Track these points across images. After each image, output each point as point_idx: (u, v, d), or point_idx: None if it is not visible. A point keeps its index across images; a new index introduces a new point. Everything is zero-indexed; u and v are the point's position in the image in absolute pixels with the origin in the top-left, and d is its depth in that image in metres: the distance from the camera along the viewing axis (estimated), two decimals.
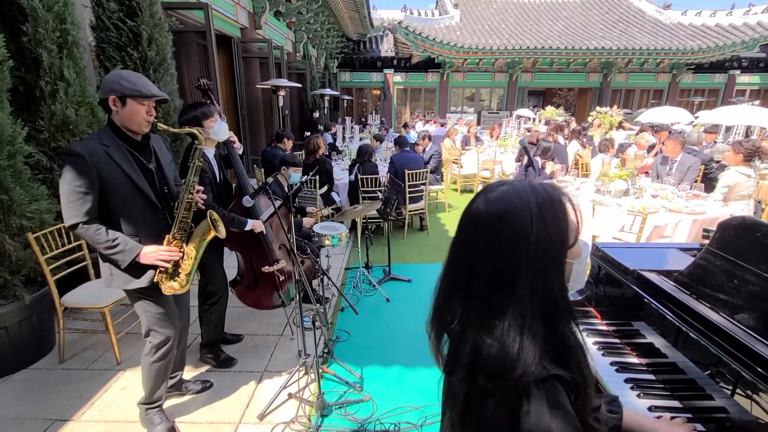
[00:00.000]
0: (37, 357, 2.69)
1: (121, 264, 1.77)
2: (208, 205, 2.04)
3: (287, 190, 2.72)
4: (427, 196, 5.71)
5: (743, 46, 14.89)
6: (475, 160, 7.77)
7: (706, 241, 1.52)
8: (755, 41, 14.79)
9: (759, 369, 1.05)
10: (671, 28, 16.64)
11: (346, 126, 11.06)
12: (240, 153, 2.73)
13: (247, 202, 2.21)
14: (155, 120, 1.78)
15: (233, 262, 2.84)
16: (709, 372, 1.23)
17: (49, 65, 2.86)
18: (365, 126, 14.61)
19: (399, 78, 18.38)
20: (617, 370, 1.49)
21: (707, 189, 4.59)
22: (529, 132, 9.16)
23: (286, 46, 10.55)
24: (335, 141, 8.90)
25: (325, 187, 4.88)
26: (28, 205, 2.56)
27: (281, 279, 2.68)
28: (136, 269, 1.81)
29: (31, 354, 2.67)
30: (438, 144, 7.49)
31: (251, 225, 2.52)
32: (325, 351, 2.75)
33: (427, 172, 5.36)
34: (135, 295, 1.90)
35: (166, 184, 1.91)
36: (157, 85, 3.49)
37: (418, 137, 7.25)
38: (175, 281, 1.88)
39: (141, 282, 1.84)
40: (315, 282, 3.04)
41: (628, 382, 1.43)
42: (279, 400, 2.33)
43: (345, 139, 9.98)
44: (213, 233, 1.87)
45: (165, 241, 1.84)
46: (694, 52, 15.04)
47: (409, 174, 5.10)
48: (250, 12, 7.96)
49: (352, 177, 5.04)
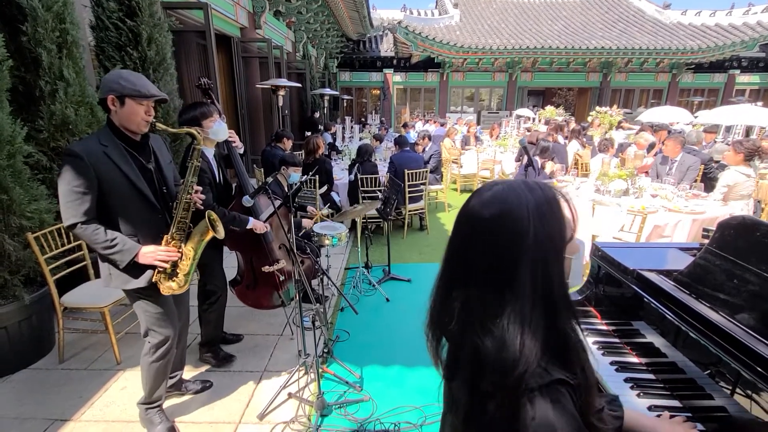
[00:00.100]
0: (37, 357, 2.69)
1: (120, 264, 1.77)
2: (208, 205, 2.04)
3: (287, 189, 2.72)
4: (427, 196, 5.70)
5: (743, 45, 14.90)
6: (475, 159, 7.78)
7: (706, 241, 1.52)
8: (755, 41, 14.80)
9: (758, 368, 1.05)
10: (671, 27, 16.65)
11: (345, 126, 11.05)
12: (241, 152, 2.73)
13: (247, 201, 2.21)
14: (154, 120, 1.78)
15: (233, 262, 2.84)
16: (709, 371, 1.23)
17: (48, 65, 2.86)
18: (365, 126, 14.60)
19: (399, 78, 18.37)
20: (617, 370, 1.49)
21: (707, 189, 4.59)
22: (528, 132, 9.16)
23: (285, 45, 10.55)
24: (335, 141, 8.90)
25: (324, 187, 4.88)
26: (28, 205, 2.56)
27: (281, 279, 2.68)
28: (135, 269, 1.81)
29: (31, 354, 2.67)
30: (438, 144, 7.49)
31: (252, 224, 2.51)
32: (325, 351, 2.75)
33: (426, 171, 5.36)
34: (134, 295, 1.90)
35: (164, 184, 1.91)
36: (157, 85, 3.49)
37: (418, 137, 7.25)
38: (174, 281, 1.88)
39: (139, 282, 1.84)
40: (315, 282, 3.04)
41: (627, 381, 1.43)
42: (279, 400, 2.33)
43: (345, 139, 9.97)
44: (211, 234, 1.87)
45: (163, 242, 1.84)
46: (694, 51, 15.04)
47: (408, 174, 5.09)
48: (249, 12, 7.96)
49: (352, 177, 5.04)
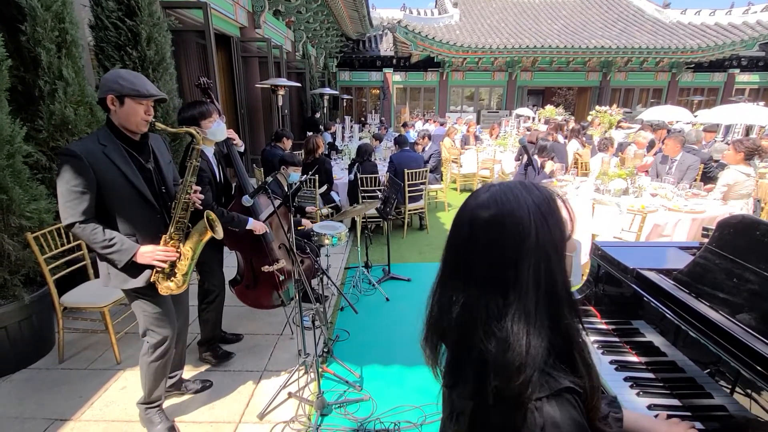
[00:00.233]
0: (37, 357, 2.69)
1: (118, 264, 1.77)
2: (207, 205, 2.04)
3: (287, 189, 2.72)
4: (427, 196, 5.71)
5: (742, 45, 14.89)
6: (475, 159, 7.78)
7: (706, 240, 1.52)
8: (754, 40, 14.78)
9: (758, 367, 1.05)
10: (670, 27, 16.63)
11: (345, 125, 11.04)
12: (241, 151, 2.73)
13: (247, 201, 2.21)
14: (153, 119, 1.78)
15: (233, 262, 2.84)
16: (709, 370, 1.23)
17: (47, 65, 2.85)
18: (364, 125, 14.59)
19: (398, 77, 18.36)
20: (617, 369, 1.49)
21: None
22: (528, 131, 9.17)
23: (285, 45, 10.54)
24: (335, 140, 8.90)
25: (324, 187, 4.88)
26: (27, 205, 2.56)
27: (281, 278, 2.68)
28: (133, 269, 1.81)
29: (31, 354, 2.67)
30: (437, 143, 7.48)
31: (252, 225, 2.51)
32: (325, 350, 2.75)
33: (426, 171, 5.36)
34: (132, 294, 1.90)
35: (164, 184, 1.91)
36: (156, 85, 3.49)
37: (418, 136, 7.25)
38: (172, 281, 1.88)
39: (138, 282, 1.84)
40: (315, 281, 3.04)
41: (627, 380, 1.43)
42: (279, 400, 2.33)
43: (344, 139, 9.96)
44: (210, 234, 1.87)
45: (162, 241, 1.84)
46: (694, 51, 15.03)
47: (408, 173, 5.10)
48: (249, 11, 7.95)
49: (352, 176, 5.04)
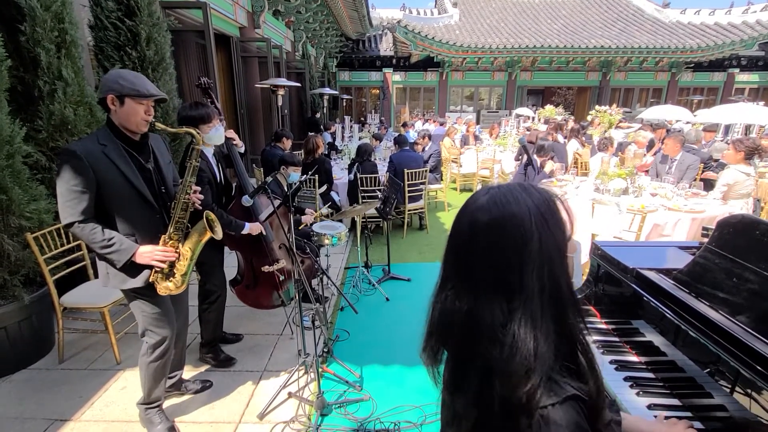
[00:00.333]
0: (37, 357, 2.69)
1: (117, 264, 1.77)
2: (206, 205, 2.04)
3: (286, 189, 2.72)
4: (427, 195, 5.71)
5: (742, 44, 14.88)
6: (475, 159, 7.78)
7: (706, 240, 1.52)
8: (754, 40, 14.78)
9: (758, 367, 1.06)
10: (670, 26, 16.63)
11: (345, 125, 11.04)
12: (241, 152, 2.73)
13: (247, 201, 2.21)
14: (153, 120, 1.78)
15: (233, 262, 2.84)
16: (708, 370, 1.23)
17: (47, 65, 2.85)
18: (364, 125, 14.59)
19: (398, 77, 18.35)
20: (617, 369, 1.50)
21: (706, 188, 4.59)
22: (528, 131, 9.16)
23: (285, 45, 10.53)
24: (334, 140, 8.89)
25: (324, 187, 4.88)
26: (27, 205, 2.55)
27: (281, 279, 2.68)
28: (132, 269, 1.81)
29: (31, 354, 2.67)
30: (437, 143, 7.49)
31: (248, 229, 2.52)
32: (325, 350, 2.75)
33: (426, 171, 5.36)
34: (131, 294, 1.90)
35: (163, 184, 1.91)
36: (156, 85, 3.48)
37: (418, 136, 7.25)
38: (171, 281, 1.87)
39: (136, 282, 1.84)
40: (314, 281, 3.04)
41: (627, 380, 1.43)
42: (279, 400, 2.33)
43: (344, 139, 9.96)
44: (209, 234, 1.87)
45: (161, 242, 1.84)
46: (693, 50, 15.02)
47: (408, 173, 5.10)
48: (248, 11, 7.94)
49: (352, 176, 5.04)
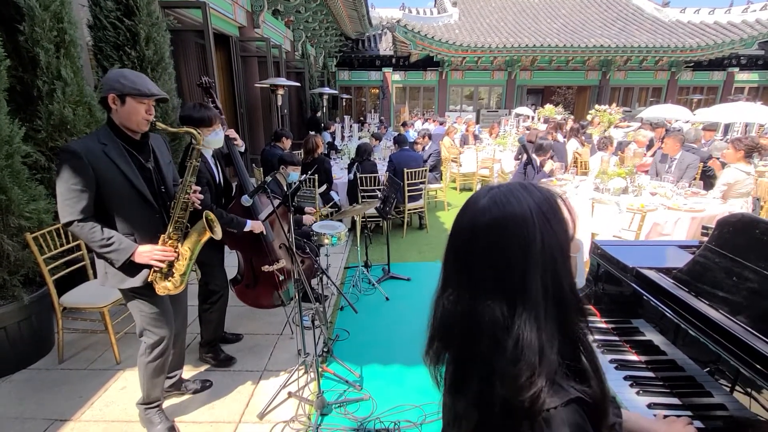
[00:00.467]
0: (37, 357, 2.69)
1: (116, 263, 1.76)
2: (206, 206, 2.03)
3: (286, 188, 2.72)
4: (426, 195, 5.71)
5: (742, 43, 14.88)
6: (474, 158, 7.79)
7: (705, 239, 1.53)
8: (753, 39, 14.78)
9: (758, 366, 1.06)
10: (670, 25, 16.63)
11: (344, 125, 11.04)
12: (242, 151, 2.72)
13: (246, 201, 2.21)
14: (155, 119, 1.78)
15: (233, 261, 2.84)
16: (708, 369, 1.23)
17: (46, 64, 2.85)
18: (364, 125, 14.58)
19: (398, 76, 18.33)
20: (616, 368, 1.50)
21: (706, 187, 4.59)
22: (528, 130, 9.17)
23: (284, 44, 10.52)
24: (334, 140, 8.89)
25: (324, 186, 4.88)
26: (27, 205, 2.55)
27: (281, 278, 2.68)
28: (131, 268, 1.80)
29: (31, 354, 2.66)
30: (437, 143, 7.49)
31: (250, 226, 2.51)
32: (325, 350, 2.75)
33: (426, 170, 5.36)
34: (129, 294, 1.90)
35: (163, 184, 1.91)
36: (155, 84, 3.48)
37: (418, 136, 7.25)
38: (169, 281, 1.87)
39: (135, 281, 1.84)
40: (314, 281, 3.04)
41: (627, 379, 1.43)
42: (279, 399, 2.33)
43: (344, 138, 9.96)
44: (209, 234, 1.87)
45: (160, 241, 1.84)
46: (693, 49, 15.02)
47: (408, 173, 5.09)
48: (248, 11, 7.93)
49: (351, 176, 5.04)
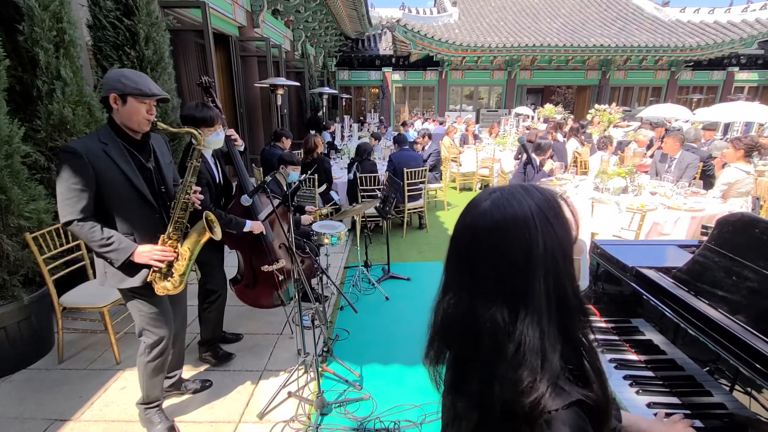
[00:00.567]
0: (37, 357, 2.69)
1: (115, 263, 1.76)
2: (205, 206, 2.03)
3: (286, 188, 2.72)
4: (426, 195, 5.71)
5: (741, 43, 14.88)
6: (474, 158, 7.79)
7: (705, 238, 1.52)
8: (753, 38, 14.78)
9: (757, 365, 1.06)
10: (669, 25, 16.62)
11: (344, 124, 11.03)
12: (241, 150, 2.72)
13: (246, 201, 2.21)
14: (155, 119, 1.78)
15: (233, 261, 2.84)
16: (708, 368, 1.23)
17: (45, 64, 2.85)
18: (363, 124, 14.58)
19: (397, 76, 18.33)
20: (616, 367, 1.50)
21: (706, 186, 4.59)
22: (528, 130, 9.16)
23: (284, 44, 10.51)
24: (334, 139, 8.88)
25: (323, 186, 4.88)
26: (26, 205, 2.55)
27: (280, 278, 2.68)
28: (130, 268, 1.80)
29: (31, 354, 2.66)
30: (437, 142, 7.49)
31: (250, 226, 2.51)
32: (325, 350, 2.75)
33: (425, 170, 5.36)
34: (128, 294, 1.90)
35: (163, 184, 1.91)
36: None
37: (418, 135, 7.26)
38: (169, 281, 1.87)
39: (134, 281, 1.84)
40: (314, 281, 3.04)
41: (627, 378, 1.43)
42: (278, 399, 2.33)
43: (344, 138, 9.96)
44: (208, 235, 1.87)
45: (160, 241, 1.84)
46: (693, 49, 15.02)
47: (407, 172, 5.09)
48: (247, 10, 7.93)
49: (351, 175, 5.04)
